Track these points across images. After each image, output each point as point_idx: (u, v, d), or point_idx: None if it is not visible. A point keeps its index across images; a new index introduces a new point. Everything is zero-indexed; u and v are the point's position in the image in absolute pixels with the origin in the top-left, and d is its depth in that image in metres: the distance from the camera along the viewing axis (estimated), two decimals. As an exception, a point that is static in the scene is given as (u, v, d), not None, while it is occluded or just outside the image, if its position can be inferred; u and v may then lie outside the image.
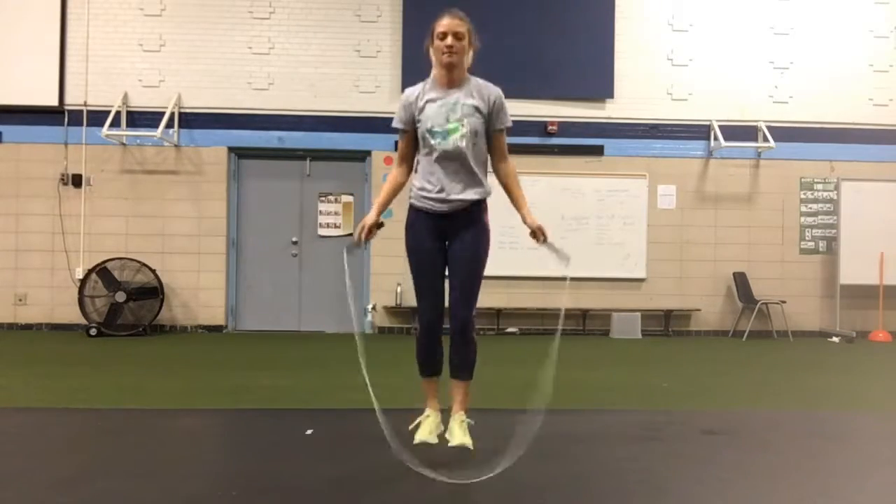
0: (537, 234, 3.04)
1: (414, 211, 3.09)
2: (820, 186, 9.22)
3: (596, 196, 8.95)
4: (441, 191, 3.01)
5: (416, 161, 3.15)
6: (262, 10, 8.77)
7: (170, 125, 8.50)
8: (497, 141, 3.09)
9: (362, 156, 8.90)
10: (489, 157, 3.13)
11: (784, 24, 9.18)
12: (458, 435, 3.06)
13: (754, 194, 9.16)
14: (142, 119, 8.58)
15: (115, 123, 8.46)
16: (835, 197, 9.09)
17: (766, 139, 8.89)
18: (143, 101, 8.64)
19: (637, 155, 9.03)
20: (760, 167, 9.17)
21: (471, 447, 3.05)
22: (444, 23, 2.95)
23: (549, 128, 8.83)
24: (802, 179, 9.20)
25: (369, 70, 8.83)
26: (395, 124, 3.10)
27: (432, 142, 2.99)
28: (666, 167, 9.06)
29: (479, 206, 3.06)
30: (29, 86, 8.52)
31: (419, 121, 3.02)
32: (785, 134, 9.02)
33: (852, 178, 8.98)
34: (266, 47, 8.78)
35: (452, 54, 2.93)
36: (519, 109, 8.77)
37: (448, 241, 3.08)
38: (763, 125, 8.99)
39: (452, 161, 2.99)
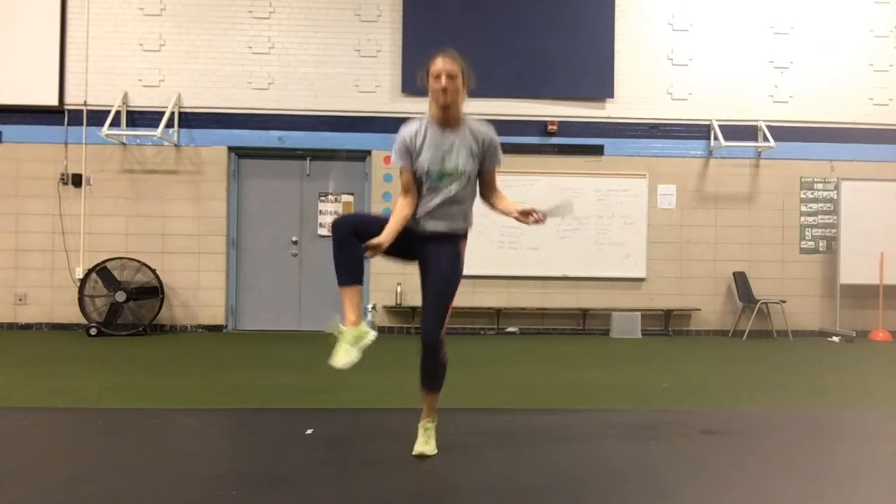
0: (531, 213, 3.03)
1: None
2: (820, 186, 9.22)
3: (596, 196, 8.95)
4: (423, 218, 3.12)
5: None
6: (261, 9, 8.77)
7: (170, 125, 8.50)
8: (489, 177, 3.18)
9: (362, 155, 8.89)
10: (479, 193, 3.20)
11: (784, 23, 9.19)
12: (421, 442, 3.17)
13: (754, 194, 9.17)
14: (142, 119, 8.58)
15: (115, 123, 8.46)
16: (835, 197, 9.09)
17: (766, 139, 8.89)
18: (142, 100, 8.64)
19: (637, 155, 9.03)
20: (760, 167, 9.17)
21: (430, 454, 3.14)
22: (438, 64, 2.97)
23: (549, 127, 8.82)
24: (802, 179, 9.20)
25: (369, 70, 8.83)
26: (396, 163, 3.12)
27: (426, 184, 3.07)
28: (666, 167, 9.07)
29: (456, 236, 3.15)
30: (29, 85, 8.52)
31: (417, 162, 3.06)
32: (785, 134, 9.02)
33: (852, 177, 8.98)
34: (266, 47, 8.78)
35: (447, 95, 2.97)
36: (519, 109, 8.80)
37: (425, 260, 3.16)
38: (763, 125, 8.99)
39: (441, 200, 3.07)
